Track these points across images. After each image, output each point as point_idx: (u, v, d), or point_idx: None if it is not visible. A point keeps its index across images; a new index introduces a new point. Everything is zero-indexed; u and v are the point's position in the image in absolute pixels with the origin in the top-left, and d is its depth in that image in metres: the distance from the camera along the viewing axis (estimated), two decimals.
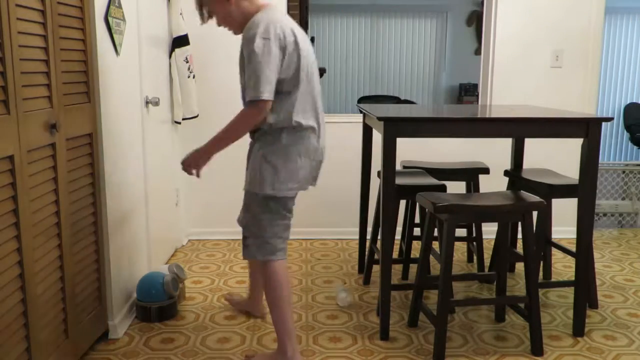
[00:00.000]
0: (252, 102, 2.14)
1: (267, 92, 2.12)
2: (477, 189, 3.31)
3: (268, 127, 2.23)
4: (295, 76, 2.20)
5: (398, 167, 3.16)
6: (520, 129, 2.71)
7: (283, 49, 2.15)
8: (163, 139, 3.43)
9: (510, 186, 3.20)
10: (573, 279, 2.83)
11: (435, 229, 2.58)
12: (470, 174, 3.32)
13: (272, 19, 2.17)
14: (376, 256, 3.07)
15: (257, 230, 2.29)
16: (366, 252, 3.39)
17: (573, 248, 2.75)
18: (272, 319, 2.36)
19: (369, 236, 3.27)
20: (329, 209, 4.12)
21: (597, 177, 2.57)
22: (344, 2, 7.84)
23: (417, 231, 3.37)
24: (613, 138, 7.95)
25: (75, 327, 2.27)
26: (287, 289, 2.34)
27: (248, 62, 2.13)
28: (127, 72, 2.76)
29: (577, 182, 2.67)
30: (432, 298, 3.03)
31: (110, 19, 2.49)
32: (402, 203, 3.40)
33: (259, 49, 2.10)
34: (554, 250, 3.56)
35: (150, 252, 3.12)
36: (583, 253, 2.62)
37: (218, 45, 3.87)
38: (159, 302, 2.76)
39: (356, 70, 8.09)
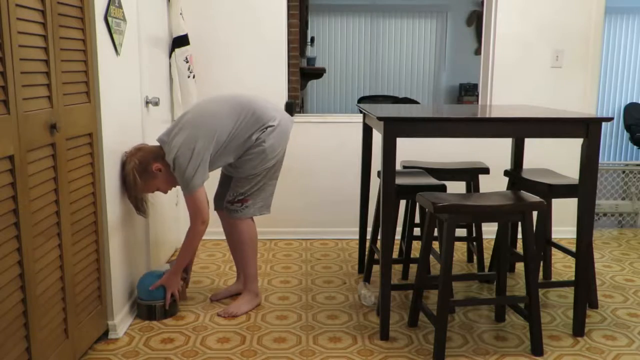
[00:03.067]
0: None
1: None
2: (477, 189, 3.31)
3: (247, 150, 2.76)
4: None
5: (398, 167, 3.16)
6: (520, 129, 2.71)
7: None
8: None
9: (510, 186, 3.20)
10: (573, 279, 2.83)
11: (435, 229, 2.58)
12: (470, 174, 3.32)
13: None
14: (376, 256, 3.07)
15: (262, 193, 2.81)
16: (366, 252, 3.39)
17: (573, 248, 2.75)
18: (249, 267, 2.89)
19: (369, 236, 3.26)
20: (329, 209, 4.12)
21: (597, 177, 2.57)
22: (344, 2, 7.84)
23: (417, 231, 3.37)
24: (613, 138, 7.95)
25: (75, 327, 2.27)
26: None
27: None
28: (127, 72, 2.76)
29: (577, 182, 2.67)
30: (432, 298, 3.03)
31: (110, 18, 2.49)
32: (402, 203, 3.40)
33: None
34: (554, 250, 3.56)
35: (150, 252, 3.12)
36: (583, 253, 2.62)
37: (218, 45, 3.87)
38: (162, 300, 2.78)
39: (356, 70, 8.10)
